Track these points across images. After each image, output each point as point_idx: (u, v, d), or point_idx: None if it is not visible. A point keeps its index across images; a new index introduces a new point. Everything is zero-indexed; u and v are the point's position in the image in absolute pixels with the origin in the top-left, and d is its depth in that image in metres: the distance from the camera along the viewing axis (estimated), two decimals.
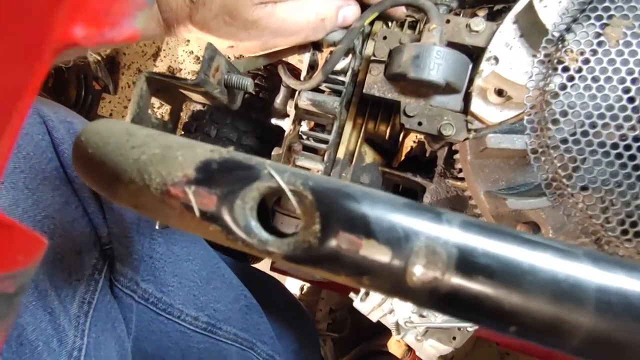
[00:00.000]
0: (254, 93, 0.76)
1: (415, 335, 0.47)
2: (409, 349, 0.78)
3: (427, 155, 0.53)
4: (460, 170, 0.45)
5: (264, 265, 0.82)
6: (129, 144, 0.16)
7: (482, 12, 0.48)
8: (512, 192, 0.41)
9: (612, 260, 0.14)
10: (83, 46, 0.12)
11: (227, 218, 0.15)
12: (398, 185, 0.57)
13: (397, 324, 0.49)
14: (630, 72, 0.31)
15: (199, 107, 0.86)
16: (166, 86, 0.35)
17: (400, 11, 0.47)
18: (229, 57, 0.39)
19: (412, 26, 0.53)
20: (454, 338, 0.50)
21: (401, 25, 0.53)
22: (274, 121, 0.62)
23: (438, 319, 0.48)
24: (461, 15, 0.50)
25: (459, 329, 0.49)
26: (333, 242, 0.14)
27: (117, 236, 0.49)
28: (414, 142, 0.53)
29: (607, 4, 0.32)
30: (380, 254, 0.14)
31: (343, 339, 1.01)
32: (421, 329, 0.47)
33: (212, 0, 0.36)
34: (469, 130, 0.42)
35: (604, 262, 0.13)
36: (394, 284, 0.14)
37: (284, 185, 0.15)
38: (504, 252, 0.14)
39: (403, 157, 0.54)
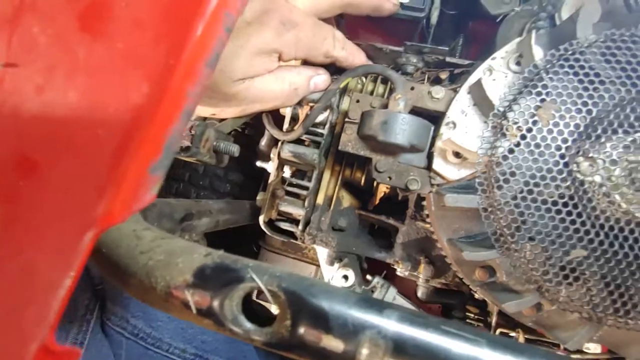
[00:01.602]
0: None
1: None
2: None
3: (400, 198, 0.58)
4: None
5: None
6: (137, 248, 0.21)
7: (444, 75, 0.54)
8: (470, 240, 0.46)
9: (506, 344, 0.19)
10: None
11: (218, 314, 0.19)
12: (374, 225, 0.62)
13: None
14: (558, 148, 0.37)
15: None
16: None
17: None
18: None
19: (385, 81, 0.58)
20: None
21: (374, 79, 0.59)
22: (259, 164, 0.67)
23: None
24: (426, 75, 0.56)
25: None
26: (300, 335, 0.19)
27: None
28: (387, 187, 0.58)
29: (539, 89, 0.38)
30: (335, 345, 0.19)
31: None
32: None
33: None
34: (432, 185, 0.47)
35: (500, 347, 0.18)
36: None
37: (263, 287, 0.19)
38: (427, 340, 0.19)
39: (377, 201, 0.60)
